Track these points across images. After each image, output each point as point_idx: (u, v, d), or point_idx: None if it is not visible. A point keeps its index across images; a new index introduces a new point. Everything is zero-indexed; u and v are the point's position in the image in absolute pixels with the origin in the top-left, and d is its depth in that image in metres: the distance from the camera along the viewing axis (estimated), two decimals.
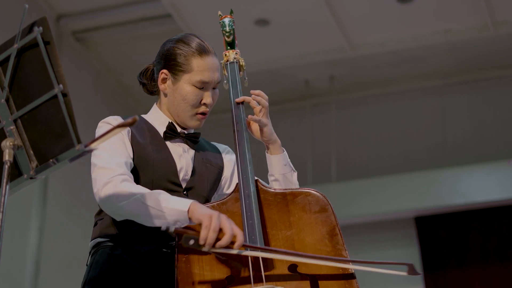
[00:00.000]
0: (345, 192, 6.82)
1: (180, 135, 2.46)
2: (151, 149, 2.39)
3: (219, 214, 2.09)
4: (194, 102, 2.42)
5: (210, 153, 2.54)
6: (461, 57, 6.97)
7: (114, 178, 2.22)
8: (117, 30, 6.65)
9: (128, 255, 2.32)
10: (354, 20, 6.30)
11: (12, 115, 1.98)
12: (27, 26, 1.97)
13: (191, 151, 2.47)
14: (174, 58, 2.42)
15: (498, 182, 6.55)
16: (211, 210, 2.13)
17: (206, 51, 2.41)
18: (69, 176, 6.25)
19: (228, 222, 2.09)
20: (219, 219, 2.07)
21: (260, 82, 7.08)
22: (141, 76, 2.56)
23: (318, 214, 2.28)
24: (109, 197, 2.20)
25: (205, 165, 2.49)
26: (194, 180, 2.44)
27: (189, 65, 2.40)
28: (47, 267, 6.10)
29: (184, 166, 2.43)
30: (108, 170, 2.24)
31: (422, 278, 6.76)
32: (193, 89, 2.41)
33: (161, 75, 2.45)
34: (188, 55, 2.40)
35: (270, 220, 2.28)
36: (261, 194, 2.33)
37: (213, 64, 2.42)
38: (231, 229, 2.07)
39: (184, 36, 2.46)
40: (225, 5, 5.94)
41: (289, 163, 2.50)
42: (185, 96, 2.41)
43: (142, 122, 2.46)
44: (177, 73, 2.41)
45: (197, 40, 2.43)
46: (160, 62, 2.46)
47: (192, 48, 2.41)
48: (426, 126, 7.28)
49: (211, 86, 2.43)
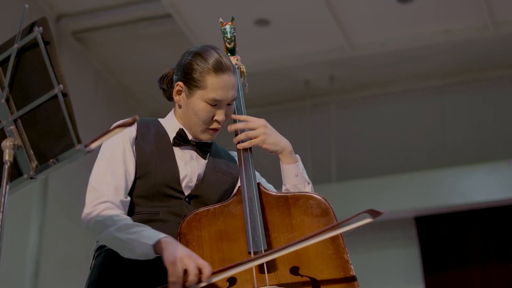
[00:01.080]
0: (345, 192, 6.82)
1: (191, 142, 2.46)
2: (155, 154, 2.40)
3: (181, 256, 2.11)
4: (206, 119, 2.41)
5: (224, 162, 2.53)
6: (461, 57, 6.97)
7: (97, 206, 2.28)
8: (117, 30, 6.65)
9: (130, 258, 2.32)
10: (354, 20, 6.30)
11: (12, 115, 1.98)
12: (27, 26, 1.97)
13: (200, 159, 2.47)
14: (190, 73, 2.40)
15: (498, 182, 6.55)
16: (176, 250, 2.13)
17: (222, 69, 2.38)
18: (69, 176, 6.25)
19: (191, 260, 2.10)
20: (182, 262, 2.10)
21: (260, 82, 7.09)
22: (162, 81, 2.56)
23: (320, 217, 2.28)
24: (89, 227, 2.28)
25: (216, 174, 2.47)
26: (200, 188, 2.43)
27: (203, 82, 2.38)
28: (47, 267, 6.10)
29: (189, 173, 2.42)
30: (96, 194, 2.31)
31: (422, 278, 6.76)
32: (206, 106, 2.39)
33: (176, 87, 2.44)
34: (203, 72, 2.38)
35: (272, 223, 2.29)
36: (263, 197, 2.33)
37: (229, 82, 2.39)
38: (194, 268, 2.09)
39: (204, 50, 2.42)
40: (225, 5, 5.97)
41: (302, 173, 2.46)
42: (197, 112, 2.40)
43: (155, 126, 2.48)
44: (192, 88, 2.40)
45: (215, 55, 2.40)
46: (177, 73, 2.46)
47: (208, 64, 2.38)
48: (426, 126, 7.28)
49: (224, 103, 2.41)
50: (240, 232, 2.26)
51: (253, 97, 6.73)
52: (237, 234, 2.26)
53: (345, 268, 2.21)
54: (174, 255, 2.11)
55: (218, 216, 2.29)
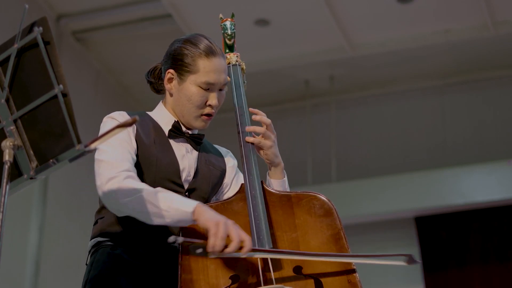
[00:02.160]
0: (345, 192, 6.82)
1: (185, 135, 2.45)
2: (155, 148, 2.39)
3: (225, 220, 2.10)
4: (199, 103, 2.40)
5: (213, 156, 2.53)
6: (461, 57, 6.97)
7: (118, 173, 2.21)
8: (117, 30, 6.65)
9: (129, 254, 2.32)
10: (354, 20, 6.30)
11: (12, 115, 1.98)
12: (27, 26, 1.97)
13: (194, 152, 2.46)
14: (181, 58, 2.41)
15: (498, 182, 6.55)
16: (217, 215, 2.12)
17: (213, 52, 2.39)
18: (69, 176, 6.25)
19: (235, 228, 2.10)
20: (226, 226, 2.08)
21: (260, 82, 7.09)
22: (149, 74, 2.56)
23: (323, 218, 2.29)
24: (113, 192, 2.19)
25: (207, 167, 2.48)
26: (196, 182, 2.43)
27: (195, 66, 2.38)
28: (47, 267, 6.10)
29: (187, 167, 2.42)
30: (113, 165, 2.23)
31: (422, 278, 6.76)
32: (199, 90, 2.39)
33: (167, 75, 2.44)
34: (195, 56, 2.39)
35: (275, 222, 2.29)
36: (266, 196, 2.34)
37: (220, 66, 2.40)
38: (238, 236, 2.08)
39: (193, 37, 2.45)
40: (225, 5, 5.97)
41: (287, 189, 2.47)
42: (190, 97, 2.40)
43: (147, 120, 2.46)
44: (183, 73, 2.40)
45: (205, 41, 2.42)
46: (167, 61, 2.46)
47: (199, 49, 2.39)
48: (426, 126, 7.28)
49: (217, 87, 2.41)
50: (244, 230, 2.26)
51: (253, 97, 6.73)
52: None
53: (348, 268, 2.22)
54: (218, 218, 2.10)
55: (221, 212, 2.28)
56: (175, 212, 2.14)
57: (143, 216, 2.19)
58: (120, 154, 2.27)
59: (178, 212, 2.14)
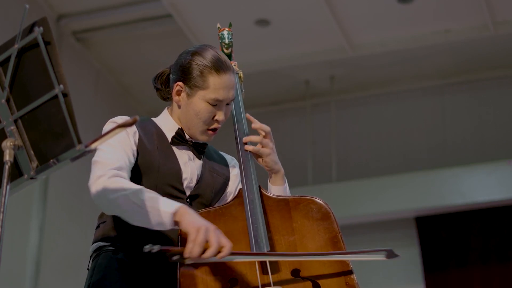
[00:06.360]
0: (345, 192, 6.82)
1: (188, 142, 2.45)
2: (158, 154, 2.39)
3: (207, 225, 2.08)
4: (207, 119, 2.40)
5: (217, 163, 2.53)
6: (461, 57, 6.97)
7: (107, 172, 2.21)
8: (117, 30, 6.65)
9: (131, 259, 2.32)
10: (354, 20, 6.30)
11: (13, 115, 1.98)
12: (28, 26, 1.97)
13: (196, 159, 2.46)
14: (190, 72, 2.39)
15: (498, 182, 6.55)
16: (200, 219, 2.11)
17: (223, 68, 2.38)
18: (70, 176, 6.25)
19: (215, 234, 2.08)
20: (206, 231, 2.06)
21: (260, 82, 7.09)
22: (156, 80, 2.54)
23: (321, 221, 2.30)
24: (100, 190, 2.19)
25: (211, 174, 2.48)
26: (199, 188, 2.43)
27: (205, 82, 2.37)
28: (47, 267, 6.10)
29: (189, 173, 2.42)
30: (104, 164, 2.24)
31: (423, 278, 6.76)
32: (207, 106, 2.39)
33: (176, 87, 2.43)
34: (204, 71, 2.37)
35: (273, 226, 2.30)
36: (264, 200, 2.34)
37: (230, 82, 2.39)
38: (217, 242, 2.06)
39: (203, 50, 2.42)
40: (225, 5, 5.98)
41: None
42: (198, 112, 2.39)
43: (151, 125, 2.46)
44: (193, 88, 2.39)
45: (215, 55, 2.40)
46: (176, 73, 2.44)
47: (208, 63, 2.38)
48: (426, 126, 7.28)
49: (225, 103, 2.41)
50: (242, 234, 2.26)
51: (253, 97, 6.73)
52: (238, 236, 2.26)
53: (345, 270, 2.23)
54: (199, 223, 2.08)
55: (219, 217, 2.29)
56: (156, 213, 2.12)
57: (127, 215, 2.19)
58: (115, 154, 2.27)
59: (159, 212, 2.12)
